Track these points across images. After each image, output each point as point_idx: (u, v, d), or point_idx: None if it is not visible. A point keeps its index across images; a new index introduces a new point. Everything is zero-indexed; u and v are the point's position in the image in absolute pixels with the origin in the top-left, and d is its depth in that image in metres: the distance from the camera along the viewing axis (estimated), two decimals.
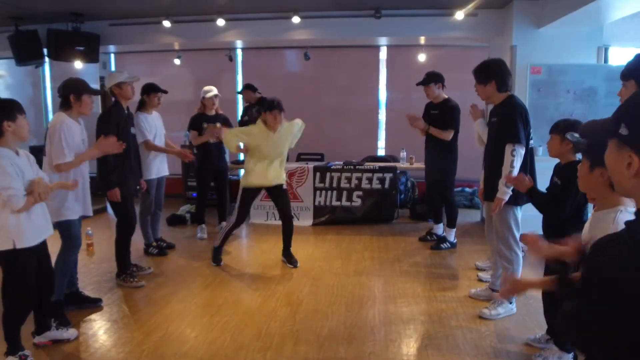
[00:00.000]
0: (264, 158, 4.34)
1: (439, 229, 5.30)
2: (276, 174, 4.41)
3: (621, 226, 1.51)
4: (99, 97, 6.71)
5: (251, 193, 4.51)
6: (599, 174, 1.56)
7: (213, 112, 5.41)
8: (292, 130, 4.41)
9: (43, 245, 2.89)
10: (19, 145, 2.76)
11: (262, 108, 4.49)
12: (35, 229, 2.77)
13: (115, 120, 3.89)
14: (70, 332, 3.12)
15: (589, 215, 1.86)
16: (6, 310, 2.76)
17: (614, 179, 1.07)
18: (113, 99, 4.08)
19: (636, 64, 2.19)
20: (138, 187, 4.26)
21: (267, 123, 4.23)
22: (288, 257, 4.59)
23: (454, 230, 5.09)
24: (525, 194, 2.83)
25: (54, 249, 3.14)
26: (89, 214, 3.50)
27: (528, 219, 3.49)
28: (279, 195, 4.55)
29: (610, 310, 0.88)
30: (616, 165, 1.02)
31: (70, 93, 3.35)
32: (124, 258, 4.10)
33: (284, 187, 4.55)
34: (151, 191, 4.78)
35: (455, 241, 5.10)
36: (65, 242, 3.38)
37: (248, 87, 6.29)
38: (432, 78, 4.88)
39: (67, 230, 3.36)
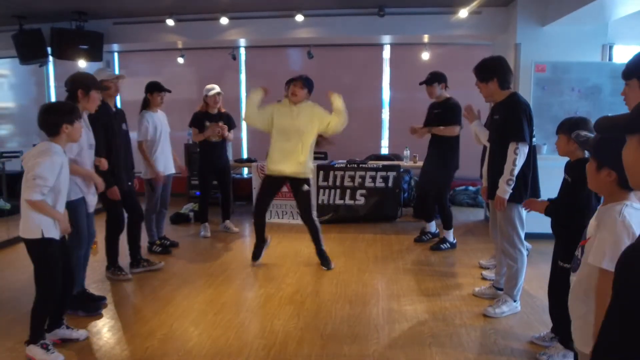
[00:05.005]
0: (281, 133, 4.24)
1: (432, 226, 5.28)
2: (296, 160, 4.22)
3: (627, 219, 1.52)
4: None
5: (267, 180, 4.45)
6: (606, 174, 1.57)
7: (215, 111, 5.41)
8: (316, 113, 4.25)
9: (64, 242, 2.97)
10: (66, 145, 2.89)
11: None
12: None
13: (102, 121, 3.72)
14: (80, 333, 3.10)
15: None
16: (38, 298, 2.80)
17: (631, 172, 1.05)
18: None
19: (637, 62, 2.14)
20: (130, 183, 4.14)
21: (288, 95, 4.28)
22: (320, 258, 4.49)
23: (451, 230, 5.03)
24: (546, 214, 2.77)
25: None
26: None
27: (532, 217, 3.48)
28: (297, 195, 4.42)
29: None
30: (637, 162, 1.01)
31: (79, 88, 3.28)
32: (113, 253, 4.12)
33: (305, 188, 4.33)
34: (157, 189, 4.78)
35: (454, 241, 5.06)
36: (72, 235, 3.32)
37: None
38: (436, 78, 4.84)
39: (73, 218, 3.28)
